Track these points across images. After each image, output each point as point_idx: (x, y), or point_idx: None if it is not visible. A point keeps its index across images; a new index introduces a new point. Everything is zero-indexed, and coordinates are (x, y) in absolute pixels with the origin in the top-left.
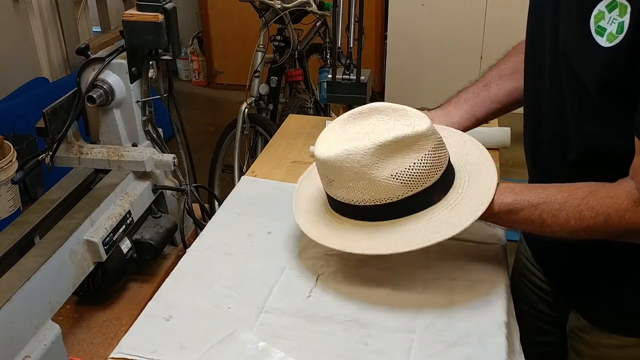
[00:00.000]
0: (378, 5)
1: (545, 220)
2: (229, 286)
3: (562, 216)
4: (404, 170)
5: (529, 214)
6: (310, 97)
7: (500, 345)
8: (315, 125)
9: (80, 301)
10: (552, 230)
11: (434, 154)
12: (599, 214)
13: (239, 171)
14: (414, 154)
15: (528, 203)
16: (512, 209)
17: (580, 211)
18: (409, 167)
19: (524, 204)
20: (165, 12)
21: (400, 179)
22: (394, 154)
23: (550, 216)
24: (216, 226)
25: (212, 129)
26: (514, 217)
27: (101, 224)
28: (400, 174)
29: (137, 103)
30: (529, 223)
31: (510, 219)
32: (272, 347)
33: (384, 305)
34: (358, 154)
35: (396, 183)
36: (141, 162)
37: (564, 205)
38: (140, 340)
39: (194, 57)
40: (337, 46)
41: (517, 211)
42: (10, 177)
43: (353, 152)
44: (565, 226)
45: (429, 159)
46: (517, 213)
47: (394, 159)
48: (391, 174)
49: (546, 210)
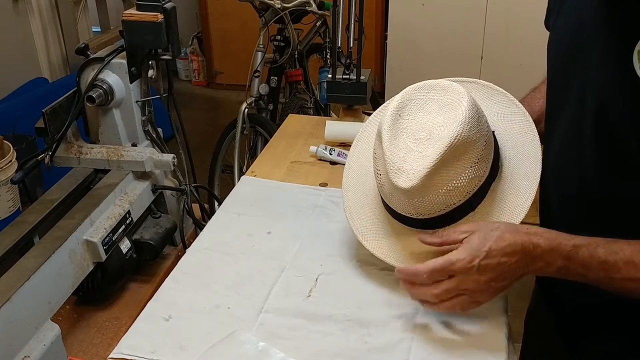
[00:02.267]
0: (378, 5)
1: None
2: (229, 286)
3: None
4: (463, 180)
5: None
6: (310, 97)
7: (501, 344)
8: (315, 125)
9: (79, 301)
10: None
11: (485, 151)
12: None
13: (239, 171)
14: (468, 158)
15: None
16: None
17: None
18: (466, 175)
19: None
20: (164, 11)
21: (457, 189)
22: (452, 163)
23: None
24: (216, 226)
25: (212, 129)
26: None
27: (101, 224)
28: (458, 186)
29: (137, 103)
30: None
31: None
32: (271, 347)
33: (383, 305)
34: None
35: (454, 194)
36: (141, 162)
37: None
38: (140, 341)
39: (193, 57)
40: (337, 46)
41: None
42: (9, 177)
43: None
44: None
45: (480, 165)
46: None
47: (451, 168)
48: (449, 187)
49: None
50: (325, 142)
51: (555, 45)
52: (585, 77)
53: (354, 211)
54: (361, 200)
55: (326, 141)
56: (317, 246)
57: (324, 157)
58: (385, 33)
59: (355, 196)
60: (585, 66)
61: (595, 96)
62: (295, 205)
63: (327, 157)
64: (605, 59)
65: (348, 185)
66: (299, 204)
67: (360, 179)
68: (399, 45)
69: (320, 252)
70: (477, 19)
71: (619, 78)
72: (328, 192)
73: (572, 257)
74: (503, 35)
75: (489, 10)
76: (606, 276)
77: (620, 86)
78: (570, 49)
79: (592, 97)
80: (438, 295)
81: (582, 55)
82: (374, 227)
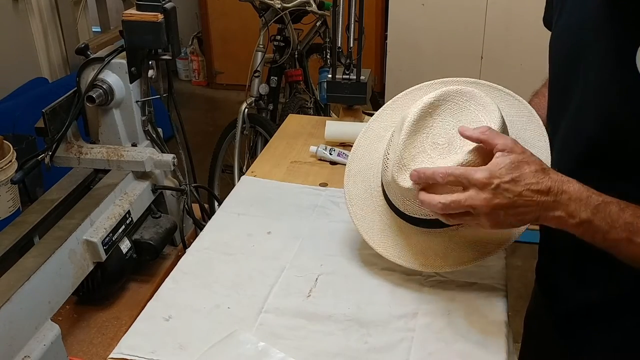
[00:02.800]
0: (378, 5)
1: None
2: (229, 286)
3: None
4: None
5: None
6: (310, 97)
7: (500, 344)
8: (315, 125)
9: (79, 301)
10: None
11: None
12: None
13: (239, 171)
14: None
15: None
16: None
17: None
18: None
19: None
20: (164, 11)
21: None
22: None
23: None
24: (216, 226)
25: (212, 129)
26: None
27: (101, 224)
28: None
29: (137, 103)
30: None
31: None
32: (271, 347)
33: (383, 304)
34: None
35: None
36: (141, 162)
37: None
38: (140, 341)
39: (193, 57)
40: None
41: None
42: (9, 177)
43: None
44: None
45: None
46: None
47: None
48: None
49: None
50: (325, 142)
51: (556, 44)
52: (587, 77)
53: (356, 205)
54: (363, 195)
55: (326, 141)
56: (317, 246)
57: (324, 157)
58: (385, 33)
59: (358, 191)
60: (587, 66)
61: (596, 96)
62: (295, 205)
63: (327, 157)
64: (607, 59)
65: (351, 179)
66: (299, 204)
67: (363, 173)
68: (399, 45)
69: (320, 252)
70: (477, 19)
71: (620, 78)
72: (328, 192)
73: (600, 211)
74: (503, 35)
75: (489, 10)
76: (627, 238)
77: (621, 86)
78: (572, 49)
79: (594, 97)
80: (445, 205)
81: (583, 55)
82: (379, 224)
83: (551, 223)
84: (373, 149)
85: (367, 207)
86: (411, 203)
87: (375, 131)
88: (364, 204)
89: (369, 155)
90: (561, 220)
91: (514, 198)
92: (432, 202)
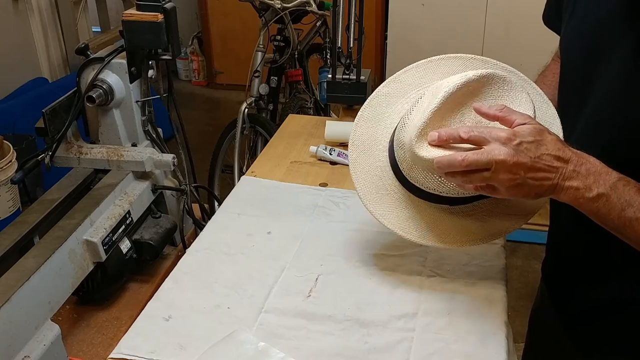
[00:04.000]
0: (378, 5)
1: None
2: (229, 286)
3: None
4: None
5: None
6: (310, 97)
7: (500, 344)
8: (315, 125)
9: (79, 301)
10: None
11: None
12: None
13: (239, 171)
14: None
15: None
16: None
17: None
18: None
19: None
20: (164, 11)
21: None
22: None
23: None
24: (216, 226)
25: (212, 129)
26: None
27: (101, 224)
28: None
29: (137, 103)
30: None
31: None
32: (271, 347)
33: (383, 304)
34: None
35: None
36: (141, 162)
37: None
38: (140, 341)
39: (193, 57)
40: (337, 46)
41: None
42: (9, 177)
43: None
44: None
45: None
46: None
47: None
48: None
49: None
50: (325, 142)
51: (570, 44)
52: (606, 76)
53: (362, 179)
54: (370, 171)
55: (326, 141)
56: (317, 246)
57: (324, 157)
58: (385, 33)
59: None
60: (605, 65)
61: (615, 94)
62: (295, 205)
63: (327, 157)
64: (626, 57)
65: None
66: (299, 204)
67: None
68: (399, 45)
69: (320, 252)
70: (477, 19)
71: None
72: (328, 192)
73: (618, 188)
74: (503, 35)
75: (489, 10)
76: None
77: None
78: (588, 48)
79: (613, 95)
80: (467, 158)
81: (601, 53)
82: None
83: (567, 196)
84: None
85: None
86: (419, 171)
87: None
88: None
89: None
90: (577, 192)
91: (535, 159)
92: (454, 159)
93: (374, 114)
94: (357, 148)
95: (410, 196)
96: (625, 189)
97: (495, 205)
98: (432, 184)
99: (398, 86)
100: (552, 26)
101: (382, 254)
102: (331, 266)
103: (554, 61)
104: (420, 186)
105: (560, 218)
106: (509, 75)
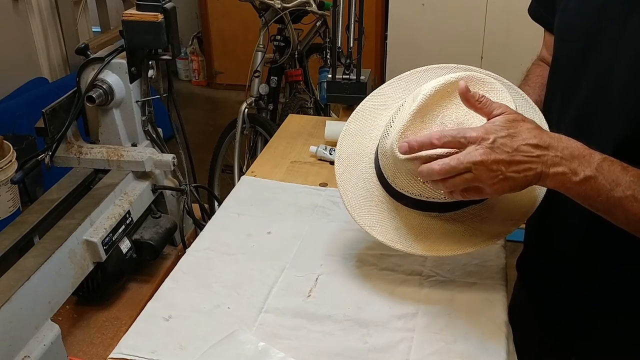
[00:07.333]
0: (378, 5)
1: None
2: (229, 286)
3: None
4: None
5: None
6: (310, 97)
7: (501, 344)
8: (315, 125)
9: (79, 301)
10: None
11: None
12: None
13: (239, 171)
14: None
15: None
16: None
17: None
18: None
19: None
20: (164, 11)
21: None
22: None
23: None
24: (216, 226)
25: (212, 129)
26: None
27: (101, 224)
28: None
29: (137, 103)
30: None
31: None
32: (271, 347)
33: (383, 304)
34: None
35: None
36: (141, 162)
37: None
38: (140, 341)
39: (193, 57)
40: (337, 46)
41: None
42: (9, 177)
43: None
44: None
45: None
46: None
47: None
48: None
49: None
50: (325, 142)
51: (570, 25)
52: (611, 54)
53: (348, 186)
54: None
55: (326, 141)
56: (317, 246)
57: (324, 157)
58: (385, 33)
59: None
60: (611, 42)
61: (626, 70)
62: (295, 205)
63: (327, 157)
64: (634, 34)
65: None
66: (299, 204)
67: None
68: (399, 45)
69: (320, 252)
70: (477, 19)
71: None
72: (328, 192)
73: (604, 168)
74: (503, 35)
75: (489, 10)
76: (632, 196)
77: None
78: (588, 35)
79: (621, 71)
80: (444, 165)
81: (604, 40)
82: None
83: (554, 182)
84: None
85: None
86: (402, 176)
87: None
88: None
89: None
90: (564, 177)
91: (512, 153)
92: (432, 168)
93: (359, 127)
94: (342, 162)
95: (399, 206)
96: (610, 168)
97: (486, 210)
98: (416, 189)
99: (382, 99)
100: (539, 18)
101: (382, 254)
102: (331, 266)
103: (535, 65)
104: (405, 193)
105: (539, 211)
106: (488, 78)
